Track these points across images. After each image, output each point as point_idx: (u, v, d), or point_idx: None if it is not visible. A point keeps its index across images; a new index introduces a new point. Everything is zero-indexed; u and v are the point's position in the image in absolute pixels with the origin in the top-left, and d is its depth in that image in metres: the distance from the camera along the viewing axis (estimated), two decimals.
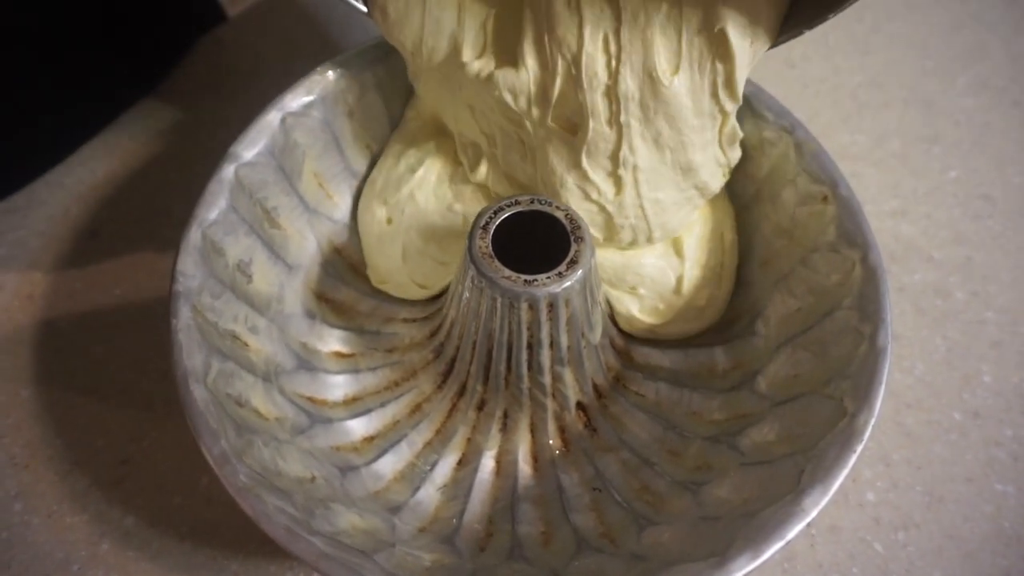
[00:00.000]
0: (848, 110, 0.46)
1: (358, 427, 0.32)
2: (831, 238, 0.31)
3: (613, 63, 0.30)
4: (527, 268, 0.28)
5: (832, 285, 0.31)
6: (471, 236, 0.28)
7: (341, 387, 0.33)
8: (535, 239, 0.29)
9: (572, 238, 0.28)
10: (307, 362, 0.33)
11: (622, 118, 0.30)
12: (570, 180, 0.31)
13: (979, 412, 0.36)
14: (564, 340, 0.29)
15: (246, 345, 0.30)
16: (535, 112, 0.31)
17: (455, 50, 0.31)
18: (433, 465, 0.31)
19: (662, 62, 0.30)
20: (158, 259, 0.39)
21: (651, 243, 0.33)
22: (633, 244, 0.33)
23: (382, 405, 0.32)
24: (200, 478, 0.33)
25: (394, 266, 0.35)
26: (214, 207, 0.31)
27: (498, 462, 0.31)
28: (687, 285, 0.34)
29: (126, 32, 0.42)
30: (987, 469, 0.35)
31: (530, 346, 0.29)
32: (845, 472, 0.25)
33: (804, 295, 0.32)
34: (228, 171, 0.31)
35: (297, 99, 0.34)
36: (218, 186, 0.31)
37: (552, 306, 0.28)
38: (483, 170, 0.34)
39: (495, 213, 0.29)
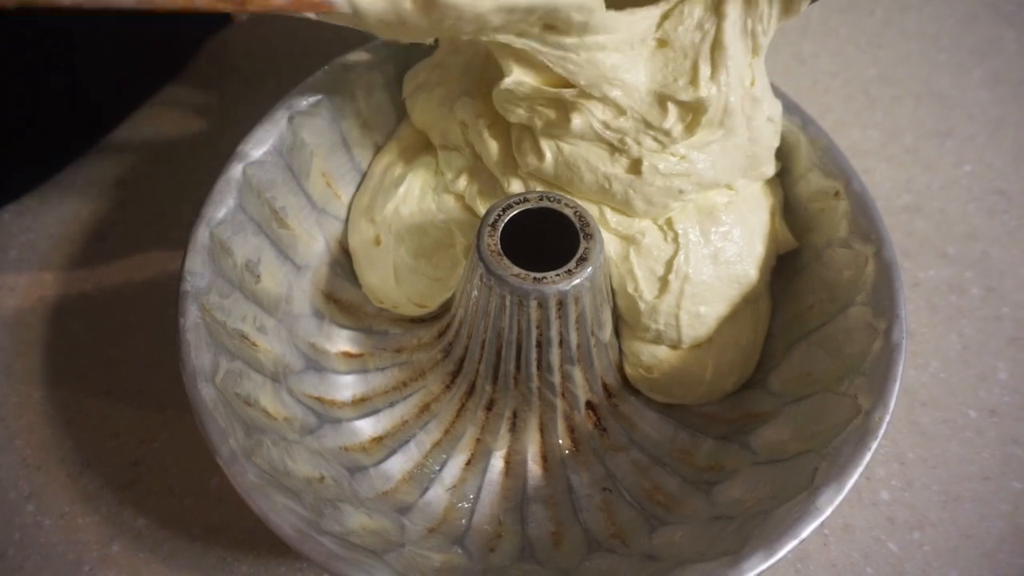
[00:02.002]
0: (860, 105, 0.46)
1: (366, 427, 0.32)
2: (843, 234, 0.31)
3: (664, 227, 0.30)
4: (537, 266, 0.27)
5: (845, 281, 0.30)
6: (479, 234, 0.28)
7: (349, 387, 0.33)
8: (544, 236, 0.29)
9: (581, 235, 0.28)
10: (315, 362, 0.32)
11: (680, 240, 0.30)
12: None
13: (996, 409, 0.36)
14: (574, 338, 0.28)
15: (255, 345, 0.30)
16: None
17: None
18: (442, 465, 0.31)
19: (722, 201, 0.31)
20: (168, 260, 0.39)
21: (674, 349, 0.31)
22: (654, 343, 0.31)
23: (390, 405, 0.32)
24: (211, 479, 0.33)
25: (388, 286, 0.34)
26: (222, 206, 0.30)
27: (507, 462, 0.31)
28: (713, 372, 0.31)
29: (134, 35, 0.42)
30: (1004, 467, 0.34)
31: (539, 344, 0.28)
32: (860, 470, 0.24)
33: (817, 291, 0.31)
34: (236, 170, 0.31)
35: (305, 98, 0.33)
36: (226, 185, 0.31)
37: (562, 304, 0.27)
38: (462, 182, 0.33)
39: (503, 211, 0.28)
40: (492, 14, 0.24)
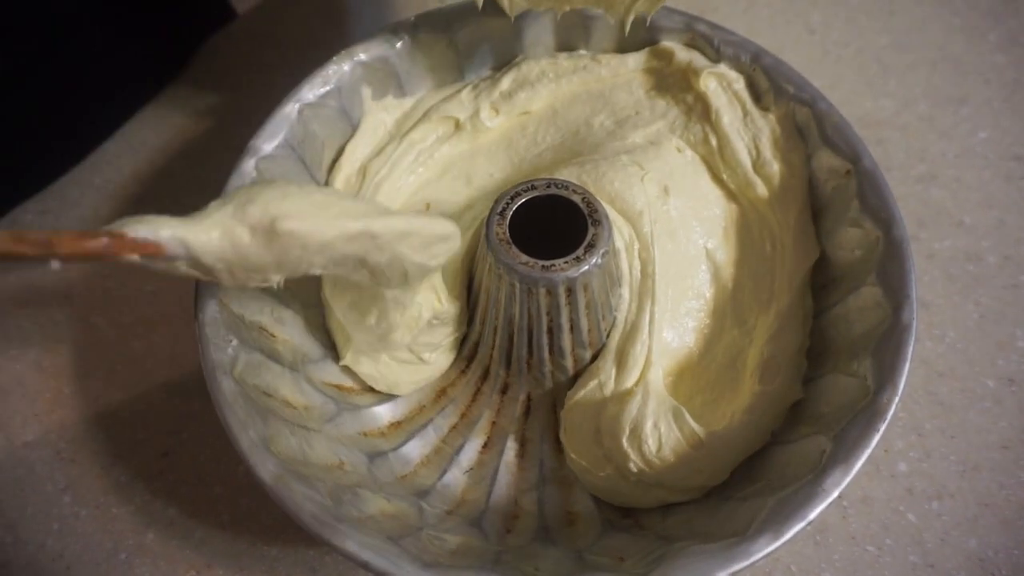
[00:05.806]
0: (873, 74, 0.45)
1: (384, 413, 0.32)
2: (854, 213, 0.30)
3: None
4: (548, 253, 0.28)
5: (856, 260, 0.30)
6: (488, 222, 0.28)
7: None
8: (554, 223, 0.29)
9: (590, 221, 0.28)
10: (333, 351, 0.33)
11: None
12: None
13: (1014, 378, 0.36)
14: (584, 324, 0.29)
15: (273, 336, 0.31)
16: None
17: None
18: (459, 449, 0.31)
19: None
20: None
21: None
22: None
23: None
24: (238, 467, 0.34)
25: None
26: None
27: (522, 444, 0.32)
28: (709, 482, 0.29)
29: (139, 29, 0.42)
30: (1023, 435, 0.34)
31: (550, 331, 0.29)
32: (867, 452, 0.25)
33: (829, 271, 0.31)
34: (248, 165, 0.32)
35: (313, 90, 0.34)
36: (239, 181, 0.31)
37: (571, 291, 0.28)
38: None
39: (512, 199, 0.29)
40: (339, 242, 0.23)
